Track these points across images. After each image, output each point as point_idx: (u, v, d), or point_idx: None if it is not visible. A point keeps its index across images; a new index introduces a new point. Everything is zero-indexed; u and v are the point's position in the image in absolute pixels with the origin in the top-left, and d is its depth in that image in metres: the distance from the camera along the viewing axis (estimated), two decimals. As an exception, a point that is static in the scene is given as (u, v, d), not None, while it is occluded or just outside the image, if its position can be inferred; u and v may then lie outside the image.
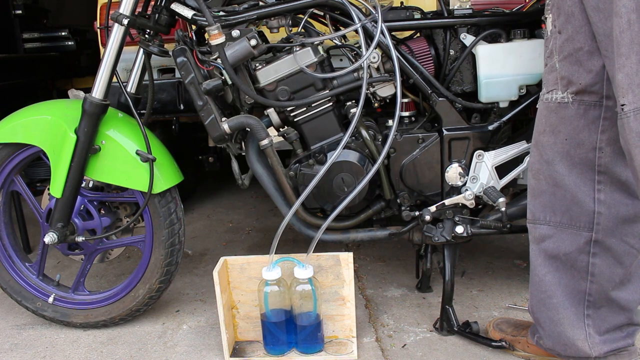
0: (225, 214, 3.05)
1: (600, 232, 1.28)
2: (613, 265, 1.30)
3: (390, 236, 1.70)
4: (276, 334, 1.58)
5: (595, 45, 1.17)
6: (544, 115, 1.30)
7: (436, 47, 1.62)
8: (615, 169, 1.24)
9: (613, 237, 1.28)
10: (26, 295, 1.84)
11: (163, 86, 2.29)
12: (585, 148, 1.25)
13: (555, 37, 1.24)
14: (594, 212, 1.27)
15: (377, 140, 1.62)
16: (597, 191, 1.26)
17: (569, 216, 1.30)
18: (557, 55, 1.24)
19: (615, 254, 1.29)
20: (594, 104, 1.22)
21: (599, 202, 1.26)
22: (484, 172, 1.61)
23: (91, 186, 1.76)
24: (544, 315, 1.39)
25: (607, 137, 1.22)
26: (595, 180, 1.26)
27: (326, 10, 1.60)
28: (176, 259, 1.77)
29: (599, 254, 1.30)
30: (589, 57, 1.19)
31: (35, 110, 1.72)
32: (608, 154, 1.23)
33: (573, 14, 1.19)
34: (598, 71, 1.19)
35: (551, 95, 1.27)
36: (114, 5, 1.65)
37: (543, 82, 1.31)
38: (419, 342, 1.66)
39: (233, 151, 1.69)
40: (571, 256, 1.32)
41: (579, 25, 1.19)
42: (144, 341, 1.76)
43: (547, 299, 1.37)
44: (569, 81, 1.23)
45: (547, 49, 1.28)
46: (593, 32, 1.17)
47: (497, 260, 2.21)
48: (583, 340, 1.34)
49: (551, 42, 1.26)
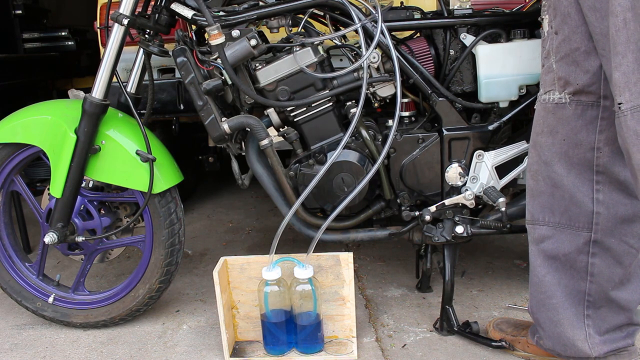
0: (225, 214, 3.05)
1: (599, 232, 1.28)
2: (612, 265, 1.30)
3: (390, 236, 1.70)
4: (276, 334, 1.58)
5: (592, 46, 1.18)
6: (542, 116, 1.30)
7: (436, 47, 1.62)
8: (614, 168, 1.24)
9: (612, 237, 1.28)
10: (26, 295, 1.84)
11: (163, 86, 2.29)
12: (584, 148, 1.25)
13: (552, 38, 1.24)
14: (593, 212, 1.27)
15: (377, 140, 1.62)
16: (595, 191, 1.26)
17: (567, 216, 1.31)
18: (554, 56, 1.24)
19: (615, 254, 1.29)
20: (592, 104, 1.22)
21: (597, 202, 1.27)
22: (484, 172, 1.61)
23: (91, 186, 1.76)
24: (543, 316, 1.39)
25: (605, 137, 1.22)
26: (594, 180, 1.26)
27: (326, 10, 1.60)
28: (176, 259, 1.77)
29: (598, 254, 1.30)
30: (585, 57, 1.19)
31: (35, 110, 1.72)
32: (606, 153, 1.23)
33: (569, 14, 1.19)
34: (595, 71, 1.19)
35: (548, 95, 1.27)
36: (114, 5, 1.65)
37: (540, 83, 1.31)
38: (419, 342, 1.66)
39: (233, 151, 1.69)
40: (570, 256, 1.32)
41: (576, 26, 1.19)
42: (144, 341, 1.76)
43: (546, 299, 1.37)
44: (566, 82, 1.23)
45: (544, 49, 1.28)
46: (589, 32, 1.17)
47: (497, 260, 2.21)
48: (583, 340, 1.34)
49: (548, 43, 1.26)
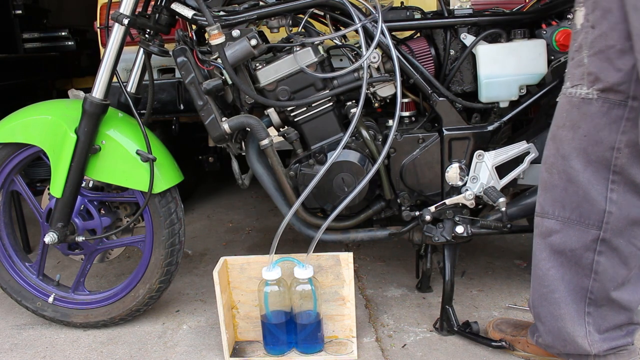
0: (225, 214, 3.05)
1: (608, 231, 1.27)
2: (617, 266, 1.29)
3: (390, 236, 1.70)
4: (276, 334, 1.58)
5: (629, 45, 1.15)
6: (566, 109, 1.27)
7: (436, 47, 1.62)
8: (631, 170, 1.23)
9: (621, 237, 1.27)
10: (26, 295, 1.84)
11: (163, 86, 2.29)
12: (604, 147, 1.23)
13: (587, 32, 1.21)
14: (605, 211, 1.26)
15: (377, 140, 1.62)
16: (610, 190, 1.25)
17: (578, 212, 1.29)
18: (587, 50, 1.21)
19: (621, 255, 1.29)
20: (619, 103, 1.20)
21: (610, 202, 1.26)
22: (484, 172, 1.61)
23: (91, 186, 1.76)
24: (545, 310, 1.38)
25: (627, 139, 1.21)
26: (610, 179, 1.25)
27: (326, 10, 1.60)
28: (176, 259, 1.77)
29: (605, 252, 1.29)
30: (620, 55, 1.17)
31: (35, 110, 1.72)
32: (625, 155, 1.22)
33: (611, 10, 1.16)
34: (628, 71, 1.17)
35: (575, 90, 1.24)
36: (114, 5, 1.65)
37: (567, 76, 1.28)
38: (419, 342, 1.66)
39: (233, 151, 1.69)
40: (577, 253, 1.31)
41: (615, 23, 1.16)
42: (144, 341, 1.76)
43: (549, 293, 1.36)
44: (596, 77, 1.21)
45: (575, 42, 1.24)
46: (628, 30, 1.14)
47: (497, 260, 2.21)
48: (583, 337, 1.34)
49: (581, 36, 1.22)
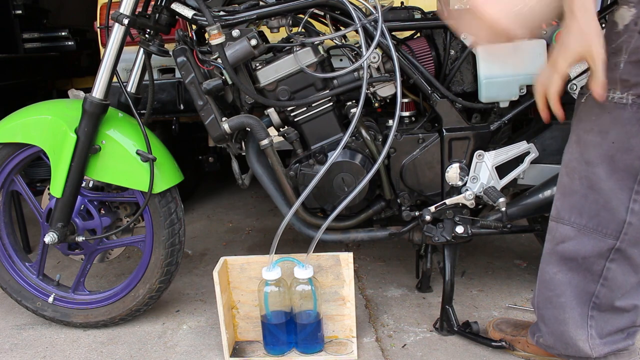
0: (225, 214, 3.05)
1: (625, 241, 1.24)
2: (627, 273, 1.27)
3: (390, 236, 1.69)
4: (276, 334, 1.58)
5: None
6: (595, 113, 1.22)
7: (436, 47, 1.62)
8: None
9: (636, 247, 1.24)
10: (26, 295, 1.84)
11: (163, 86, 2.29)
12: (633, 155, 1.18)
13: (632, 36, 1.14)
14: (625, 222, 1.22)
15: (377, 140, 1.62)
16: (633, 201, 1.21)
17: (597, 221, 1.25)
18: (626, 55, 1.15)
19: (633, 263, 1.26)
20: None
21: (632, 213, 1.22)
22: (484, 172, 1.61)
23: (91, 186, 1.76)
24: (549, 313, 1.37)
25: None
26: (634, 190, 1.21)
27: (326, 10, 1.60)
28: (176, 259, 1.77)
29: (617, 260, 1.26)
30: None
31: (35, 110, 1.71)
32: None
33: None
34: None
35: (610, 94, 1.18)
36: (114, 5, 1.65)
37: None
38: (419, 342, 1.66)
39: (233, 151, 1.69)
40: (589, 260, 1.28)
41: None
42: (144, 341, 1.76)
43: (555, 297, 1.35)
44: (633, 83, 1.16)
45: (614, 43, 1.16)
46: None
47: (497, 260, 2.21)
48: (584, 340, 1.33)
49: (622, 39, 1.16)
